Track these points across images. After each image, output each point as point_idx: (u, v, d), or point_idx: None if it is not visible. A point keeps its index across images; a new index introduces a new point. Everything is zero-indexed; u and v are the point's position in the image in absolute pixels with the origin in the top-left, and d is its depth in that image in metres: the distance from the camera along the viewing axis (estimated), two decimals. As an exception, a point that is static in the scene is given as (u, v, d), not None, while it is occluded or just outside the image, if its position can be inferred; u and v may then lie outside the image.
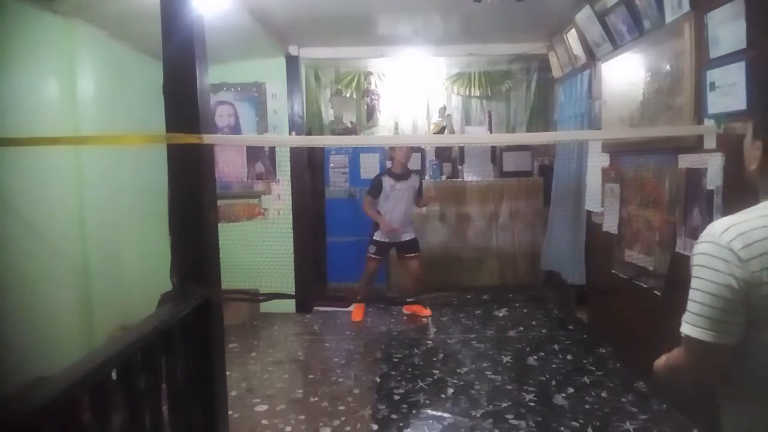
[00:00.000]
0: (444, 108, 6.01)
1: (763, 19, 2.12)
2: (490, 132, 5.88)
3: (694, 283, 1.08)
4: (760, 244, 1.01)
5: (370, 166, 5.49)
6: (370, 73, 5.92)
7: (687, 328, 1.08)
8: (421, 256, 4.85)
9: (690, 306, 1.09)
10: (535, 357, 3.75)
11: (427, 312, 4.79)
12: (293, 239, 4.86)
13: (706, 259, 1.06)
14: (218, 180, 2.59)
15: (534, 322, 4.53)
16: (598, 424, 2.78)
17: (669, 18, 2.80)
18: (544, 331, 4.32)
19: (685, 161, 2.74)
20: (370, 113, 6.07)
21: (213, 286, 2.03)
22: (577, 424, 2.78)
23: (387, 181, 4.65)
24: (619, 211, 3.53)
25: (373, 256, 4.74)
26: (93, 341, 3.21)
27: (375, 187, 4.67)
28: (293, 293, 4.80)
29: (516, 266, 5.58)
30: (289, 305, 4.90)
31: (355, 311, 4.85)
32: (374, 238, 4.72)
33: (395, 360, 3.78)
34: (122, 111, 3.68)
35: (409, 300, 4.81)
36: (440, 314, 4.77)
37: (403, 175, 4.68)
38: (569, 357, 3.73)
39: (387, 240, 4.70)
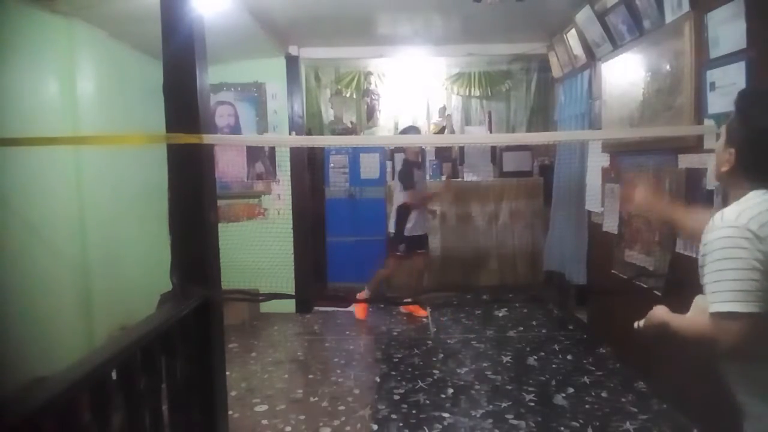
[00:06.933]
0: (444, 108, 6.00)
1: (763, 19, 2.12)
2: (490, 132, 5.89)
3: (722, 264, 1.17)
4: None
5: (370, 166, 5.49)
6: (370, 73, 5.92)
7: (728, 306, 1.15)
8: (427, 254, 4.82)
9: (723, 286, 1.16)
10: (535, 357, 3.75)
11: (424, 312, 4.76)
12: (293, 239, 4.85)
13: (730, 241, 1.17)
14: (218, 180, 2.59)
15: (534, 322, 4.53)
16: (598, 424, 2.78)
17: (669, 18, 2.80)
18: (544, 331, 4.32)
19: (685, 161, 2.74)
20: (370, 113, 6.08)
21: (213, 286, 2.03)
22: (577, 424, 2.78)
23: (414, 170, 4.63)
24: (619, 211, 3.53)
25: (401, 254, 4.60)
26: (93, 341, 3.20)
27: (409, 176, 4.55)
28: (293, 293, 4.79)
29: (516, 266, 5.58)
30: (289, 305, 4.89)
31: (360, 309, 4.77)
32: (406, 234, 4.56)
33: (395, 360, 3.78)
34: (122, 111, 3.68)
35: (407, 300, 4.76)
36: (440, 314, 4.77)
37: (419, 164, 4.67)
38: (569, 357, 3.73)
39: (418, 233, 4.60)
